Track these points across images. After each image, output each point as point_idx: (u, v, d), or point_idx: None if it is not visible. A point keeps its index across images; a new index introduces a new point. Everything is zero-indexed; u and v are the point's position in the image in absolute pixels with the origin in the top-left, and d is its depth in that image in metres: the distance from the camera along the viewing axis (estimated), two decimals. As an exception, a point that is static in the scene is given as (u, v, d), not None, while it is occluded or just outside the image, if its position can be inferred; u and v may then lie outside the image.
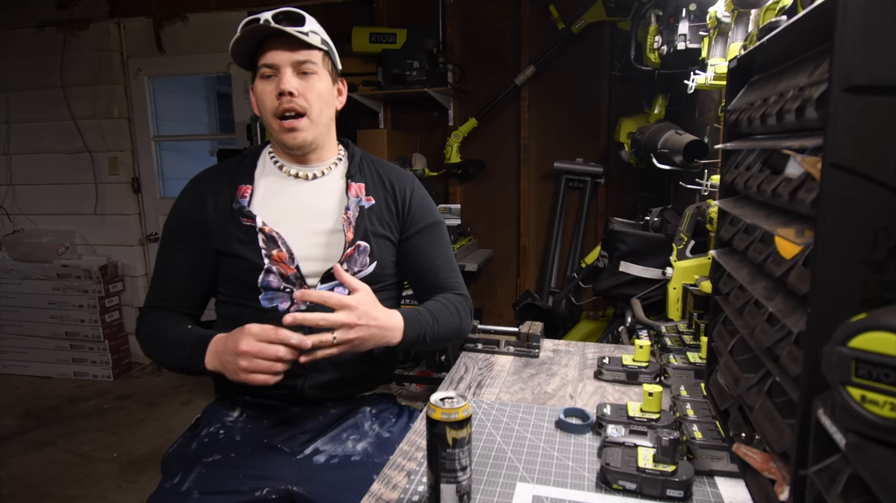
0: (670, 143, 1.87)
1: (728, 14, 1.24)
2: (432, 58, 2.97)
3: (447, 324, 1.12)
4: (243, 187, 1.12)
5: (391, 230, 1.17)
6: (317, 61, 1.10)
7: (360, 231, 1.11)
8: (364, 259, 1.11)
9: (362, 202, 1.14)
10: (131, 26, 3.47)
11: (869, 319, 0.39)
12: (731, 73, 0.87)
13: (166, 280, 1.13)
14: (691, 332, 1.26)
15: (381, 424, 1.12)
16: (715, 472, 0.80)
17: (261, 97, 1.10)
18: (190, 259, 1.12)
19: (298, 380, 1.08)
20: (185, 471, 0.99)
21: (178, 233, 1.13)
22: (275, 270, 1.06)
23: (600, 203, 3.19)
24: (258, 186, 1.13)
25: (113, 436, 2.74)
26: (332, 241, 1.10)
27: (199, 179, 1.17)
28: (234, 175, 1.14)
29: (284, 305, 1.07)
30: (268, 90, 1.08)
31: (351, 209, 1.12)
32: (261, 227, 1.07)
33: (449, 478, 0.73)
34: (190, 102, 4.45)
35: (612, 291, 1.89)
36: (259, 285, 1.07)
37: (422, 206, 1.20)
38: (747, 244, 0.74)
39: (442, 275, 1.19)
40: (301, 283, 1.07)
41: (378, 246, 1.13)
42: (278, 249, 1.07)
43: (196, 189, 1.15)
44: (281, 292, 1.07)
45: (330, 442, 1.06)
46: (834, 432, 0.43)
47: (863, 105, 0.47)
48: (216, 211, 1.11)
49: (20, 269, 3.44)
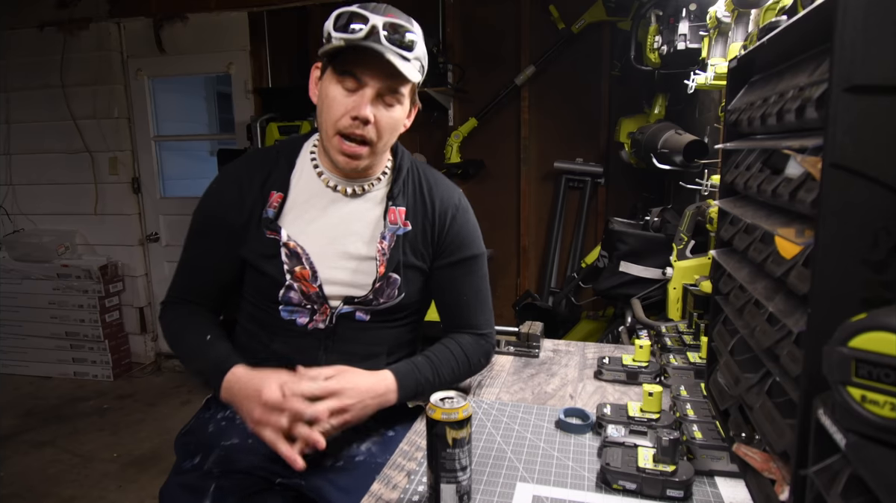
0: (670, 143, 1.87)
1: (728, 14, 1.24)
2: (432, 58, 2.97)
3: (450, 375, 1.05)
4: (275, 194, 1.03)
5: (424, 259, 1.08)
6: (406, 92, 0.99)
7: (393, 263, 1.04)
8: (392, 291, 1.05)
9: (399, 230, 1.05)
10: (131, 26, 3.47)
11: (869, 319, 0.39)
12: (731, 73, 0.87)
13: (192, 276, 1.10)
14: (691, 332, 1.26)
15: (386, 424, 1.11)
16: (715, 472, 0.80)
17: (330, 102, 0.96)
18: (217, 259, 1.07)
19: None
20: (205, 452, 0.99)
21: (209, 228, 1.07)
22: (296, 287, 1.01)
23: (600, 203, 3.19)
24: (291, 194, 1.04)
25: (113, 436, 2.74)
26: (362, 269, 1.04)
27: (238, 173, 1.07)
28: (267, 176, 1.05)
29: (303, 320, 1.04)
30: (341, 100, 0.96)
31: (387, 239, 1.04)
32: (285, 241, 1.01)
33: (449, 478, 0.73)
34: (190, 102, 4.45)
35: (612, 291, 1.89)
36: (279, 299, 1.03)
37: (460, 236, 1.10)
38: (747, 244, 0.74)
39: (466, 312, 1.12)
40: (323, 303, 1.03)
41: (407, 277, 1.06)
42: (301, 266, 1.01)
43: (234, 184, 1.05)
44: (301, 307, 1.04)
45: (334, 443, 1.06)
46: (834, 432, 0.43)
47: (863, 105, 0.47)
48: (244, 213, 1.04)
49: (20, 269, 3.44)
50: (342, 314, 1.04)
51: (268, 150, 1.10)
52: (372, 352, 1.08)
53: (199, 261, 1.09)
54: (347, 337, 1.05)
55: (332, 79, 0.96)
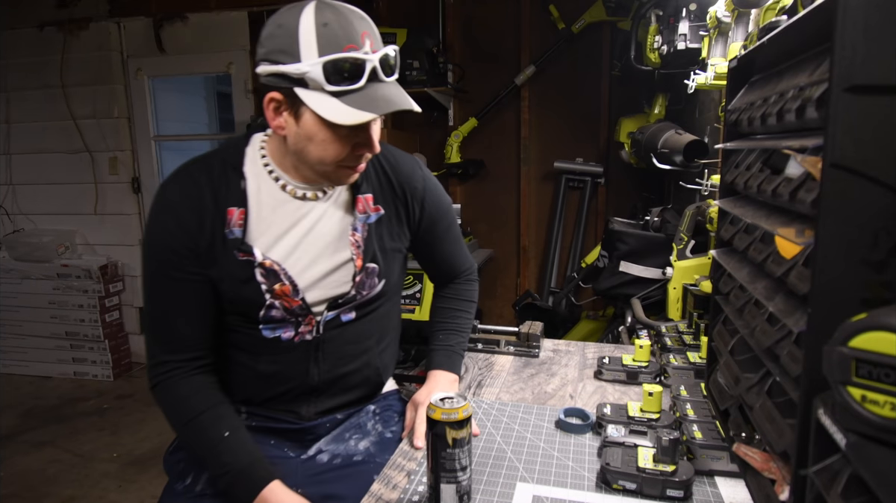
0: (670, 142, 1.87)
1: (728, 14, 1.24)
2: (432, 58, 2.97)
3: (469, 324, 1.20)
4: (234, 211, 0.93)
5: (401, 239, 1.07)
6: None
7: (370, 253, 1.01)
8: (372, 281, 1.02)
9: (370, 218, 1.02)
10: (131, 26, 3.47)
11: (869, 319, 0.39)
12: (731, 73, 0.87)
13: (176, 329, 0.95)
14: (691, 332, 1.26)
15: (385, 424, 1.11)
16: (715, 472, 0.80)
17: (326, 144, 0.88)
18: (194, 296, 0.94)
19: (303, 407, 1.03)
20: (196, 472, 0.97)
21: (172, 264, 0.92)
22: (277, 304, 0.95)
23: (600, 203, 3.19)
24: (252, 208, 0.94)
25: (113, 436, 2.74)
26: (340, 270, 1.00)
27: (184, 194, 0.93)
28: (217, 192, 0.93)
29: (288, 335, 0.98)
30: (342, 140, 0.88)
31: (359, 230, 1.00)
32: (260, 261, 0.93)
33: (449, 478, 0.73)
34: (190, 102, 4.44)
35: (612, 291, 1.89)
36: (259, 318, 0.96)
37: (433, 204, 1.09)
38: (747, 244, 0.74)
39: (453, 262, 1.19)
40: (307, 314, 0.98)
41: (386, 261, 1.04)
42: (281, 283, 0.94)
43: (185, 208, 0.92)
44: (284, 322, 0.98)
45: (333, 441, 1.06)
46: (834, 432, 0.43)
47: (863, 105, 0.47)
48: (204, 237, 0.92)
49: (20, 269, 3.44)
50: (329, 320, 1.00)
51: (207, 163, 0.95)
52: (363, 347, 1.05)
53: (176, 305, 0.94)
54: (336, 341, 1.02)
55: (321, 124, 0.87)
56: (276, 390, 1.01)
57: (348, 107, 0.84)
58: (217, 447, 0.90)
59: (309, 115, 0.86)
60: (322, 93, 0.83)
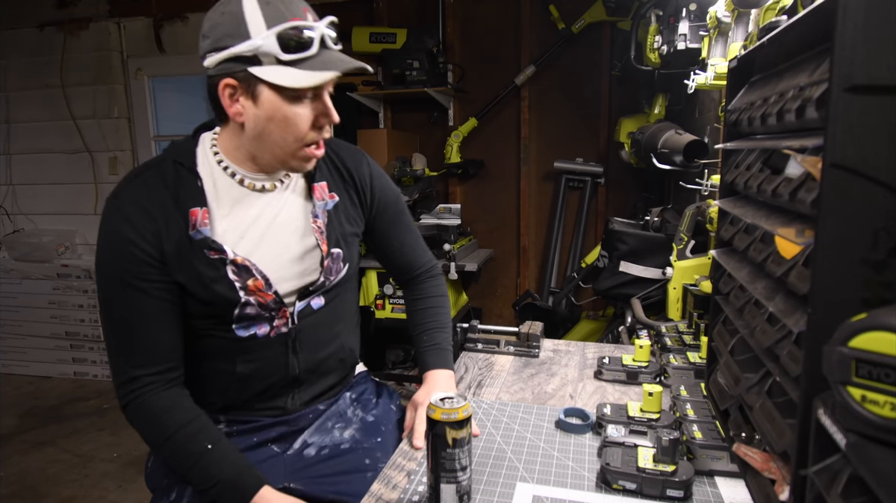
0: (670, 142, 1.86)
1: (728, 14, 1.24)
2: (432, 58, 2.97)
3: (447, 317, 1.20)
4: (197, 211, 0.91)
5: (357, 223, 1.10)
6: None
7: (333, 238, 1.02)
8: (339, 265, 1.03)
9: (328, 205, 1.04)
10: (131, 26, 3.47)
11: (869, 319, 0.39)
12: (731, 73, 0.87)
13: (142, 340, 0.91)
14: (691, 332, 1.26)
15: (364, 408, 1.13)
16: (715, 472, 0.80)
17: (287, 122, 0.88)
18: (161, 305, 0.91)
19: (287, 400, 1.04)
20: (181, 487, 0.94)
21: (135, 275, 0.89)
22: (252, 301, 0.94)
23: (600, 203, 3.19)
24: (214, 207, 0.93)
25: (113, 436, 2.74)
26: (308, 257, 1.01)
27: (131, 201, 0.90)
28: (177, 195, 0.91)
29: (263, 331, 0.97)
30: (303, 114, 0.88)
31: (319, 216, 1.01)
32: (232, 258, 0.92)
33: (449, 478, 0.73)
34: (190, 102, 4.44)
35: (612, 291, 1.89)
36: (234, 317, 0.95)
37: (382, 189, 1.12)
38: (747, 244, 0.74)
39: (412, 253, 1.20)
40: (280, 306, 0.97)
41: (348, 245, 1.06)
42: (253, 279, 0.93)
43: (134, 214, 0.89)
44: (259, 318, 0.97)
45: (316, 433, 1.06)
46: (834, 432, 0.43)
47: (863, 105, 0.47)
48: (169, 241, 0.90)
49: (20, 269, 3.44)
50: (301, 310, 1.00)
51: (159, 168, 0.94)
52: (335, 331, 1.07)
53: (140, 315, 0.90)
54: (310, 329, 1.03)
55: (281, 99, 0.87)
56: (258, 388, 1.01)
57: (306, 71, 0.85)
58: (201, 461, 0.88)
59: (267, 92, 0.86)
60: (277, 65, 0.84)
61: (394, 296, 2.81)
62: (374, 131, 3.14)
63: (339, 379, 1.12)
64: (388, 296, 2.81)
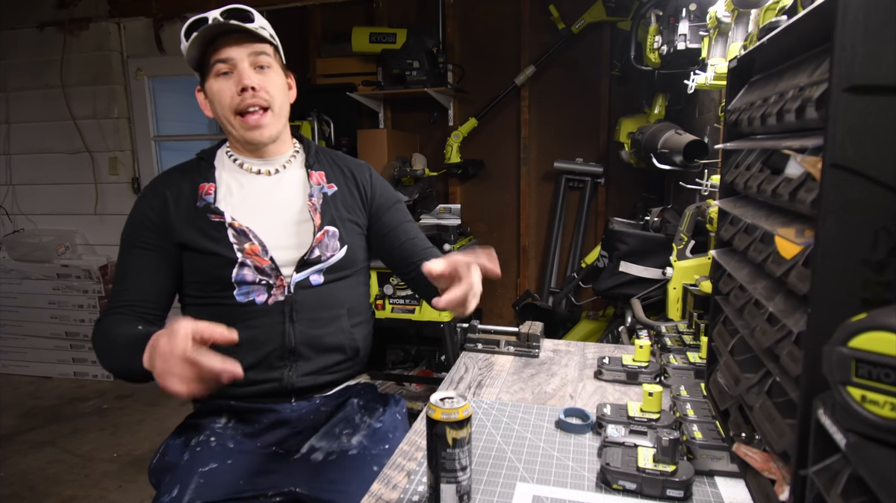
0: (670, 143, 1.86)
1: (728, 14, 1.24)
2: (432, 58, 2.97)
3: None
4: (205, 185, 1.10)
5: (356, 213, 1.19)
6: (270, 54, 1.10)
7: (328, 217, 1.13)
8: (334, 243, 1.13)
9: (325, 189, 1.16)
10: (131, 26, 3.47)
11: (869, 319, 0.39)
12: (731, 73, 0.87)
13: (125, 282, 1.07)
14: (691, 332, 1.26)
15: (371, 415, 1.14)
16: (715, 472, 0.80)
17: (218, 95, 1.07)
18: (151, 259, 1.08)
19: (284, 372, 1.08)
20: (183, 483, 0.96)
21: (136, 237, 1.08)
22: (249, 264, 1.06)
23: (600, 203, 3.19)
24: (220, 184, 1.12)
25: (113, 436, 2.74)
26: (302, 230, 1.11)
27: (155, 184, 1.13)
28: (192, 176, 1.12)
29: (262, 298, 1.07)
30: (226, 87, 1.06)
31: (315, 196, 1.14)
32: (230, 222, 1.07)
33: (449, 478, 0.73)
34: (190, 102, 4.44)
35: (612, 291, 1.89)
36: (233, 280, 1.05)
37: (383, 188, 1.25)
38: (747, 244, 0.74)
39: (422, 243, 1.23)
40: (277, 275, 1.07)
41: (346, 230, 1.15)
42: (250, 243, 1.06)
43: (153, 192, 1.11)
44: (257, 285, 1.07)
45: (324, 438, 1.06)
46: (834, 432, 0.43)
47: (863, 105, 0.47)
48: (178, 210, 1.08)
49: (20, 269, 3.44)
50: (298, 281, 1.09)
51: (187, 162, 1.18)
52: (334, 314, 1.13)
53: (133, 266, 1.08)
54: (308, 303, 1.10)
55: (210, 80, 1.08)
56: (256, 355, 1.06)
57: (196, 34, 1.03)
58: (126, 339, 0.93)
59: (206, 84, 1.09)
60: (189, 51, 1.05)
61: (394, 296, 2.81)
62: (374, 131, 3.13)
63: (339, 360, 1.14)
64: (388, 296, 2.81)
